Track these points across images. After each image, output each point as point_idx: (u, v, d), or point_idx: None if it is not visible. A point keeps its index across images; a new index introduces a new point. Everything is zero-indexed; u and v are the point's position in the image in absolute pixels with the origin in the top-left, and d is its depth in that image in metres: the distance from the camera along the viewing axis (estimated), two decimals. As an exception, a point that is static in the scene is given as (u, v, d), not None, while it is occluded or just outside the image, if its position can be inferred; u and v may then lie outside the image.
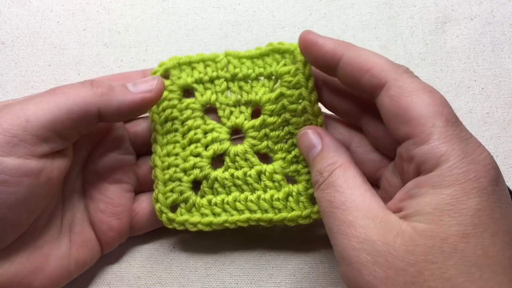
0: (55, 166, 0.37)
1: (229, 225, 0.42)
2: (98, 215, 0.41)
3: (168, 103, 0.42)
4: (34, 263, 0.37)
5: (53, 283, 0.39)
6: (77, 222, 0.41)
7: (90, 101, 0.37)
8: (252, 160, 0.43)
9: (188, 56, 0.43)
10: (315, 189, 0.37)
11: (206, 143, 0.43)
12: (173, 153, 0.43)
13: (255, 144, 0.43)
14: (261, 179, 0.43)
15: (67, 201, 0.41)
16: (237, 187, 0.43)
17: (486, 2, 0.53)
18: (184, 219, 0.42)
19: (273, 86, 0.43)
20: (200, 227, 0.42)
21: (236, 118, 0.43)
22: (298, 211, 0.42)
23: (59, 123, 0.35)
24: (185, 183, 0.42)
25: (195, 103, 0.43)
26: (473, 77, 0.51)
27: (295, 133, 0.42)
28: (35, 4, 0.53)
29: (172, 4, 0.53)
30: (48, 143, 0.36)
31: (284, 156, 0.43)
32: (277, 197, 0.42)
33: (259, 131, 0.43)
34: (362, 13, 0.53)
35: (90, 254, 0.41)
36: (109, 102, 0.37)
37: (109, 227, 0.42)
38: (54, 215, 0.40)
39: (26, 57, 0.51)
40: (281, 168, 0.43)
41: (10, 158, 0.34)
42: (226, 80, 0.43)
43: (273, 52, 0.43)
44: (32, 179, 0.35)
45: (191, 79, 0.43)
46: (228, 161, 0.43)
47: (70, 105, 0.36)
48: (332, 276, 0.45)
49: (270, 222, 0.42)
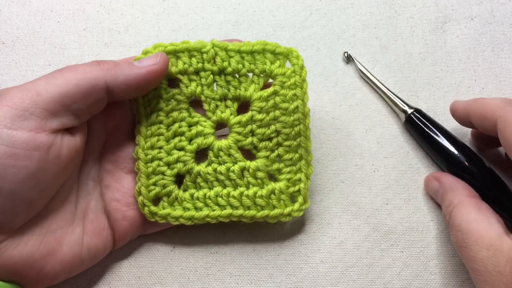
0: (64, 143, 0.37)
1: (210, 220, 0.42)
2: (113, 204, 0.42)
3: (154, 93, 0.42)
4: (47, 247, 0.38)
5: (65, 269, 0.39)
6: (92, 210, 0.41)
7: (97, 75, 0.38)
8: (235, 156, 0.43)
9: (172, 44, 0.42)
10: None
11: (191, 136, 0.43)
12: (157, 146, 0.42)
13: (240, 139, 0.43)
14: (244, 175, 0.43)
15: (82, 188, 0.41)
16: (219, 182, 0.43)
17: (486, 2, 0.53)
18: (166, 212, 0.42)
19: (263, 83, 0.43)
20: (182, 221, 0.42)
21: (221, 112, 0.43)
22: (280, 209, 0.43)
23: (69, 97, 0.36)
24: (168, 177, 0.42)
25: (180, 95, 0.43)
26: (473, 77, 0.51)
27: (282, 131, 0.43)
28: (35, 4, 0.53)
29: (172, 4, 0.53)
30: (58, 118, 0.36)
31: (268, 155, 0.43)
32: (260, 194, 0.42)
33: (245, 127, 0.43)
34: (362, 13, 0.53)
35: (102, 243, 0.41)
36: (116, 76, 0.38)
37: (123, 217, 0.42)
38: (68, 200, 0.40)
39: (26, 57, 0.51)
40: (264, 165, 0.43)
41: (21, 132, 0.35)
42: (213, 74, 0.42)
43: (266, 51, 0.43)
44: (41, 154, 0.35)
45: (175, 70, 0.42)
46: (212, 155, 0.43)
47: (78, 79, 0.37)
48: (332, 276, 0.45)
49: (252, 219, 0.43)
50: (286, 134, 0.43)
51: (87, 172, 0.42)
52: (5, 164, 0.34)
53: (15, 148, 0.34)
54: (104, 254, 0.42)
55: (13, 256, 0.36)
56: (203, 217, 0.42)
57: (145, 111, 0.42)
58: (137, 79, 0.39)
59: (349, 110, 0.50)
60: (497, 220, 0.38)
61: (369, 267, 0.45)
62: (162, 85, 0.42)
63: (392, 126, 0.49)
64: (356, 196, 0.47)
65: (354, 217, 0.46)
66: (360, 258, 0.45)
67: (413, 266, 0.45)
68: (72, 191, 0.41)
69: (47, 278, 0.38)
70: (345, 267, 0.45)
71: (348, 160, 0.48)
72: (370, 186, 0.47)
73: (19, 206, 0.35)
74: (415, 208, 0.47)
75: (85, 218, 0.41)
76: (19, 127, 0.35)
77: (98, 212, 0.42)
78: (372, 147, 0.48)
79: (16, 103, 0.35)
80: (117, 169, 0.43)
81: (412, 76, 0.51)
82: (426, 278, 0.45)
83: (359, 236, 0.46)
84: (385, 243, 0.46)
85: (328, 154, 0.48)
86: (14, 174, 0.34)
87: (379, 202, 0.47)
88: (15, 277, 0.37)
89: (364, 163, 0.48)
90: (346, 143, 0.49)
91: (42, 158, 0.35)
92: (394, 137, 0.49)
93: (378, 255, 0.45)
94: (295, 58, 0.43)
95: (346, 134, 0.49)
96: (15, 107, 0.35)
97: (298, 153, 0.43)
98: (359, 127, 0.49)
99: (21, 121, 0.35)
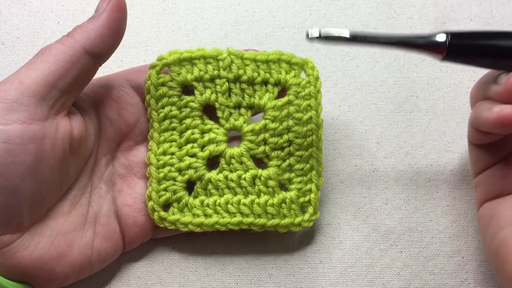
0: (59, 131, 0.37)
1: (220, 227, 0.42)
2: (125, 209, 0.42)
3: (168, 100, 0.42)
4: (58, 249, 0.38)
5: (74, 271, 0.39)
6: (103, 214, 0.41)
7: (72, 44, 0.37)
8: (247, 163, 0.43)
9: (188, 51, 0.42)
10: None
11: (203, 143, 0.43)
12: (169, 152, 0.42)
13: (252, 148, 0.43)
14: (256, 183, 0.43)
15: (95, 192, 0.41)
16: (230, 189, 0.43)
17: (485, 2, 0.53)
18: (176, 218, 0.42)
19: (278, 92, 0.43)
20: (191, 227, 0.42)
21: (235, 120, 0.43)
22: (291, 218, 0.42)
23: (52, 75, 0.36)
24: (179, 183, 0.42)
25: (194, 102, 0.43)
26: (472, 77, 0.51)
27: (294, 141, 0.43)
28: (35, 5, 0.53)
29: (172, 5, 0.53)
30: (47, 101, 0.36)
31: (279, 164, 0.43)
32: (271, 203, 0.42)
33: (257, 136, 0.43)
34: (362, 14, 0.53)
35: (112, 247, 0.41)
36: (88, 34, 0.37)
37: (134, 222, 0.42)
38: (80, 203, 0.40)
39: (26, 58, 0.51)
40: (276, 174, 0.43)
41: (13, 125, 0.34)
42: (228, 81, 0.43)
43: (281, 61, 0.43)
44: (37, 146, 0.35)
45: (191, 77, 0.42)
46: (223, 163, 0.43)
47: (56, 55, 0.36)
48: (331, 276, 0.45)
49: (262, 227, 0.43)
50: (298, 144, 0.43)
51: (100, 176, 0.42)
52: (3, 161, 0.34)
53: (11, 144, 0.34)
54: (114, 257, 0.42)
55: (24, 257, 0.36)
56: (213, 224, 0.42)
57: (159, 117, 0.42)
58: (106, 23, 0.38)
59: (348, 110, 0.50)
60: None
61: (368, 267, 0.45)
62: (176, 92, 0.42)
63: (391, 126, 0.49)
64: (355, 196, 0.47)
65: (353, 217, 0.46)
66: (359, 258, 0.45)
67: (412, 266, 0.45)
68: (84, 194, 0.41)
69: (57, 279, 0.38)
70: (344, 267, 0.45)
71: (348, 161, 0.48)
72: (369, 187, 0.47)
73: (22, 202, 0.35)
74: (414, 209, 0.47)
75: (96, 222, 0.41)
76: (11, 121, 0.34)
77: (110, 216, 0.42)
78: (371, 147, 0.49)
79: (2, 96, 0.34)
80: (130, 174, 0.43)
81: (412, 77, 0.51)
82: (426, 278, 0.45)
83: (358, 236, 0.46)
84: (384, 243, 0.46)
85: (327, 155, 0.48)
86: (13, 170, 0.34)
87: (379, 202, 0.47)
88: (26, 278, 0.37)
89: (363, 164, 0.48)
90: (345, 144, 0.49)
91: (38, 150, 0.35)
92: (393, 137, 0.49)
93: (377, 255, 0.45)
94: (310, 69, 0.43)
95: (345, 135, 0.49)
96: (2, 101, 0.34)
97: (309, 164, 0.43)
98: (358, 127, 0.49)
99: (11, 114, 0.34)
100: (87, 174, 0.41)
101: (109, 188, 0.42)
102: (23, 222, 0.36)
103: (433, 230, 0.46)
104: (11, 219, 0.35)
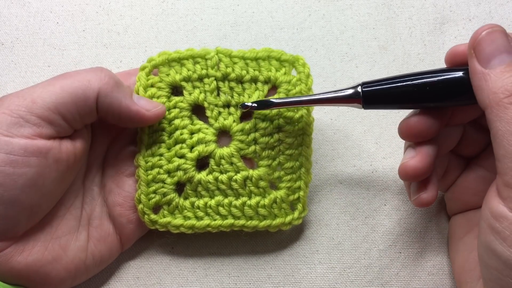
0: (63, 148, 0.37)
1: (211, 229, 0.42)
2: (117, 209, 0.42)
3: (156, 100, 0.42)
4: (52, 253, 0.38)
5: (70, 275, 0.39)
6: (96, 216, 0.42)
7: (93, 85, 0.37)
8: (238, 164, 0.42)
9: (177, 51, 0.42)
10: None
11: (192, 144, 0.42)
12: (158, 153, 0.42)
13: (242, 148, 0.42)
14: (247, 184, 0.42)
15: (87, 194, 0.42)
16: (220, 191, 0.42)
17: (484, 3, 0.53)
18: (167, 221, 0.42)
19: (268, 90, 0.42)
20: (183, 229, 0.42)
21: (224, 119, 0.42)
22: (282, 218, 0.42)
23: (63, 105, 0.36)
24: (169, 185, 0.42)
25: (183, 102, 0.42)
26: (471, 78, 0.51)
27: (285, 140, 0.42)
28: (35, 5, 0.53)
29: (171, 5, 0.53)
30: (53, 126, 0.36)
31: (269, 163, 0.42)
32: (263, 204, 0.42)
33: (247, 135, 0.42)
34: (361, 14, 0.53)
35: (107, 250, 0.42)
36: (108, 93, 0.38)
37: (128, 220, 0.42)
38: (74, 206, 0.40)
39: (25, 58, 0.51)
40: (266, 174, 0.42)
41: (18, 139, 0.35)
42: (216, 80, 0.42)
43: (271, 58, 0.42)
44: (40, 159, 0.35)
45: (179, 77, 0.42)
46: (213, 163, 0.42)
47: (74, 88, 0.37)
48: (330, 277, 0.45)
49: (254, 229, 0.42)
50: (289, 143, 0.42)
51: (92, 179, 0.42)
52: (5, 171, 0.34)
53: (13, 155, 0.34)
54: (111, 260, 0.43)
55: (18, 262, 0.36)
56: (204, 227, 0.42)
57: None
58: (123, 111, 0.39)
59: (348, 111, 0.50)
60: None
61: (367, 268, 0.45)
62: (165, 93, 0.42)
63: (390, 127, 0.49)
64: (354, 197, 0.47)
65: (352, 218, 0.46)
66: (358, 259, 0.45)
67: (411, 267, 0.45)
68: (77, 197, 0.41)
69: (52, 283, 0.38)
70: (343, 268, 0.45)
71: (347, 161, 0.48)
72: (368, 187, 0.47)
73: (21, 213, 0.35)
74: (413, 209, 0.47)
75: (90, 225, 0.41)
76: (16, 134, 0.35)
77: (103, 218, 0.42)
78: (370, 148, 0.49)
79: (12, 110, 0.35)
80: (118, 173, 0.43)
81: (411, 77, 0.51)
82: (424, 279, 0.45)
83: (357, 237, 0.46)
84: (383, 244, 0.46)
85: (326, 155, 0.48)
86: (14, 181, 0.34)
87: (378, 203, 0.47)
88: (22, 282, 0.37)
89: (362, 164, 0.48)
90: (345, 144, 0.49)
91: (41, 164, 0.35)
92: (392, 137, 0.49)
93: (376, 256, 0.45)
94: (301, 66, 0.42)
95: (344, 135, 0.49)
96: (11, 115, 0.35)
97: (298, 161, 0.43)
98: (357, 128, 0.49)
99: (17, 128, 0.35)
100: (81, 178, 0.41)
101: (101, 190, 0.42)
102: (19, 231, 0.36)
103: (432, 230, 0.46)
104: (8, 228, 0.35)
